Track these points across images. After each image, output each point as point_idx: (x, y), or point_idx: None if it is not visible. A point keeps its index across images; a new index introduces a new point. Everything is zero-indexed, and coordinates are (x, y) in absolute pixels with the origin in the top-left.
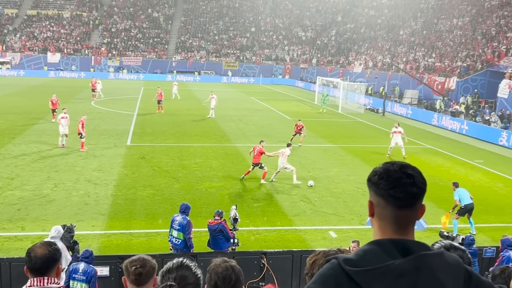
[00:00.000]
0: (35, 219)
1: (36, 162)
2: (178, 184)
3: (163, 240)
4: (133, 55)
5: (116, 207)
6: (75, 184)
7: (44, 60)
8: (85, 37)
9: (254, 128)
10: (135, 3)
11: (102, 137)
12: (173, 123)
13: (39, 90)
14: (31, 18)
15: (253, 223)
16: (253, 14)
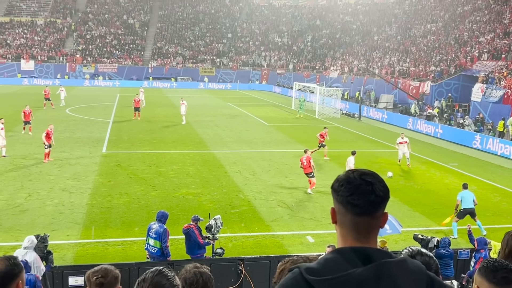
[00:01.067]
0: (9, 229)
1: (9, 171)
2: (155, 192)
3: (139, 249)
4: (109, 61)
5: (92, 215)
6: (49, 193)
7: (17, 68)
8: (59, 44)
9: (232, 134)
10: (110, 9)
11: (77, 145)
12: (149, 130)
13: (12, 98)
14: (4, 25)
15: (231, 230)
16: (229, 20)
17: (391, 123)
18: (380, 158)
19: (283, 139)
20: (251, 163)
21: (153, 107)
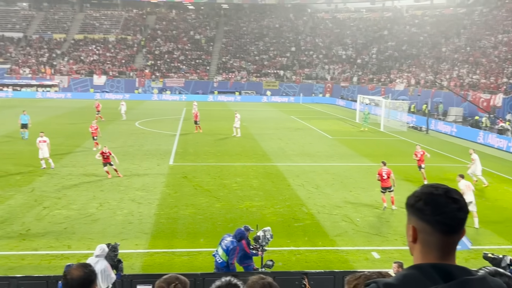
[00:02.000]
0: (81, 238)
1: (82, 182)
2: (219, 203)
3: (204, 260)
4: (176, 76)
5: (159, 226)
6: (120, 203)
7: (90, 83)
8: (129, 60)
9: (295, 147)
10: (177, 26)
11: (146, 157)
12: (214, 142)
13: (85, 112)
14: (78, 42)
15: (294, 243)
16: (293, 34)
17: (460, 136)
18: (449, 173)
19: (347, 153)
20: (315, 177)
21: (218, 121)
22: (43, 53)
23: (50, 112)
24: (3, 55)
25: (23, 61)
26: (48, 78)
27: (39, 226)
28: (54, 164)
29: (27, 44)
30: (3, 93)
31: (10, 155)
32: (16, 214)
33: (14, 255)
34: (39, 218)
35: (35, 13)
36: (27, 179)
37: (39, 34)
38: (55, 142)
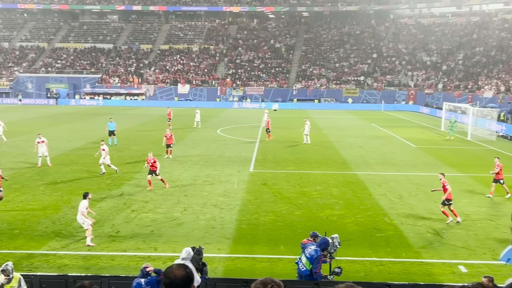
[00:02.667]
0: (167, 241)
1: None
2: (299, 211)
3: (285, 267)
4: (256, 84)
5: (240, 231)
6: (203, 208)
7: (175, 91)
8: (212, 69)
9: (376, 156)
10: (258, 35)
11: (227, 164)
12: (293, 150)
13: (173, 120)
14: (164, 53)
15: (376, 254)
16: (374, 40)
17: None
18: None
19: (432, 162)
20: (397, 186)
21: (297, 128)
22: (131, 63)
23: (138, 119)
24: (95, 65)
25: (113, 70)
26: (136, 87)
27: (128, 228)
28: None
29: (116, 55)
30: (94, 101)
31: None
32: (107, 216)
33: (105, 255)
34: (128, 221)
35: (124, 25)
36: (116, 183)
37: (127, 45)
38: (141, 148)
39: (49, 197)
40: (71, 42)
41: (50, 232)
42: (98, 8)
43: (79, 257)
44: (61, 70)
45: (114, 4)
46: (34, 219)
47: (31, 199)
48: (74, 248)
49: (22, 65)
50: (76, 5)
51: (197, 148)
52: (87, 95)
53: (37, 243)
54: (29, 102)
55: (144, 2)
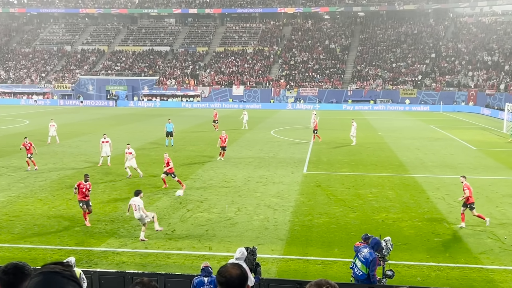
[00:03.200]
0: (221, 240)
1: (222, 187)
2: (354, 214)
3: (339, 269)
4: (310, 85)
5: (294, 233)
6: (256, 208)
7: (229, 93)
8: (266, 71)
9: (434, 158)
10: (313, 36)
11: (280, 165)
12: (348, 152)
13: (225, 121)
14: (219, 55)
15: (434, 259)
16: (433, 39)
17: None
18: None
19: (493, 165)
20: (457, 190)
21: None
22: (187, 65)
23: (193, 120)
24: (152, 68)
25: (170, 73)
26: (191, 89)
27: (183, 227)
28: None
29: (173, 57)
30: (151, 103)
31: (158, 160)
32: (163, 215)
33: (161, 253)
34: (183, 220)
35: (181, 28)
36: (173, 183)
37: (184, 48)
38: (197, 149)
39: (108, 196)
40: (130, 45)
41: (109, 230)
42: (155, 11)
43: (136, 255)
44: (120, 72)
45: (171, 7)
46: (93, 217)
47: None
48: (132, 246)
49: (84, 68)
50: (135, 9)
51: (251, 149)
52: (145, 96)
53: (97, 240)
54: (90, 103)
55: (200, 5)
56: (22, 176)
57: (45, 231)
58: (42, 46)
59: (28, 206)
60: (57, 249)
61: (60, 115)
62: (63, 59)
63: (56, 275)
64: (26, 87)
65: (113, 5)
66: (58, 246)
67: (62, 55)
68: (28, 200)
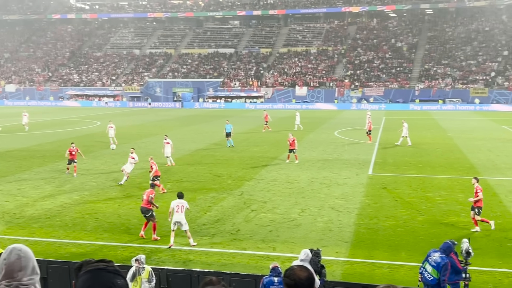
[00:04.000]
0: (285, 241)
1: (285, 188)
2: (422, 217)
3: (406, 274)
4: (375, 85)
5: (359, 235)
6: (320, 210)
7: (292, 94)
8: (330, 71)
9: (507, 160)
10: (378, 34)
11: (345, 166)
12: (415, 153)
13: (287, 122)
14: (283, 55)
15: (507, 265)
16: (506, 36)
17: None
18: None
19: None
20: None
21: (419, 130)
22: (251, 66)
23: (257, 121)
24: (217, 70)
25: (234, 74)
26: (255, 90)
27: (247, 227)
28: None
29: (237, 59)
30: (216, 104)
31: (223, 161)
32: (228, 215)
33: (226, 252)
34: (247, 220)
35: (245, 30)
36: (237, 183)
37: (248, 49)
38: (260, 149)
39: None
40: (196, 48)
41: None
42: (220, 14)
43: (202, 253)
44: (186, 75)
45: (236, 10)
46: (161, 215)
47: (159, 196)
48: (198, 244)
49: (152, 70)
50: (201, 12)
51: (314, 150)
52: (210, 98)
53: (165, 238)
54: (157, 105)
55: (264, 7)
56: (94, 175)
57: (115, 229)
58: (112, 50)
59: (100, 204)
60: (127, 246)
61: (129, 116)
62: (132, 62)
63: (101, 271)
64: (98, 89)
65: (180, 8)
66: (128, 243)
67: (131, 58)
68: (99, 198)
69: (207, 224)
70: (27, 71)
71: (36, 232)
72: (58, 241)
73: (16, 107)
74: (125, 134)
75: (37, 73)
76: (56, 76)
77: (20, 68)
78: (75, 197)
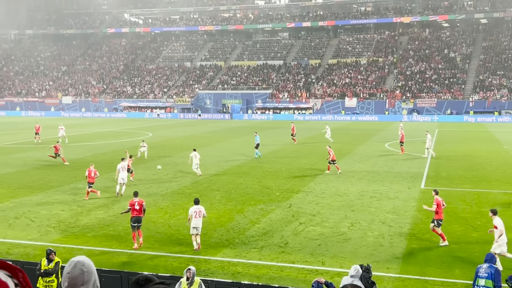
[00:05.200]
0: (334, 256)
1: (335, 200)
2: (477, 233)
3: None
4: (427, 96)
5: (411, 251)
6: (370, 224)
7: (341, 105)
8: (380, 82)
9: None
10: (431, 45)
11: (396, 179)
12: (469, 166)
13: (336, 133)
14: (332, 67)
15: None
16: None
17: None
18: None
19: None
20: None
21: (474, 143)
22: (299, 78)
23: (305, 133)
24: (266, 81)
25: (282, 86)
26: (304, 101)
27: (296, 240)
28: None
29: (286, 71)
30: (264, 116)
31: (271, 172)
32: (276, 227)
33: (274, 265)
34: (296, 233)
35: (294, 41)
36: (285, 195)
37: (297, 61)
38: (309, 161)
39: (224, 206)
40: (245, 60)
41: (224, 240)
42: (270, 26)
43: (251, 266)
44: (236, 86)
45: (285, 22)
46: (210, 226)
47: (208, 207)
48: (247, 256)
49: (202, 82)
50: (250, 25)
51: (364, 162)
52: (259, 109)
53: (214, 249)
54: (207, 117)
55: (314, 18)
56: (146, 185)
57: (165, 239)
58: (164, 62)
59: (151, 214)
60: (177, 256)
61: (180, 128)
62: (183, 74)
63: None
64: (150, 101)
65: (230, 21)
66: (178, 254)
67: (183, 71)
68: (151, 208)
69: (256, 236)
70: (83, 84)
71: (90, 241)
72: (111, 250)
73: (72, 119)
74: (177, 145)
75: (92, 85)
76: (110, 88)
77: (76, 80)
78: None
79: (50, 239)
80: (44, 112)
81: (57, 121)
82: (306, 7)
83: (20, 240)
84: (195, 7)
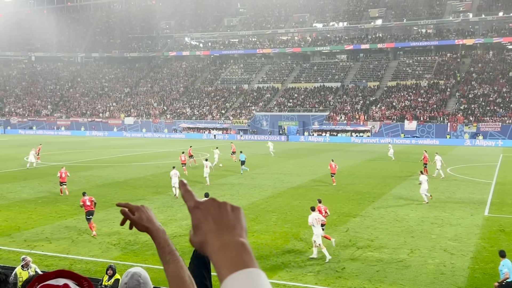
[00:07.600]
0: (393, 283)
1: (393, 226)
2: None
3: None
4: (491, 120)
5: (474, 280)
6: (431, 251)
7: (401, 128)
8: (441, 104)
9: None
10: (495, 67)
11: (458, 205)
12: None
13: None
14: (391, 89)
15: None
16: None
17: None
18: None
19: None
20: None
21: None
22: (357, 100)
23: (362, 156)
24: (323, 103)
25: (340, 108)
26: (361, 124)
27: (353, 265)
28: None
29: (343, 93)
30: (321, 138)
31: (327, 195)
32: (333, 251)
33: None
34: (353, 258)
35: (352, 63)
36: (342, 219)
37: (354, 83)
38: (366, 186)
39: (280, 229)
40: (302, 82)
41: (280, 263)
42: (327, 49)
43: None
44: (292, 108)
45: (343, 44)
46: (266, 248)
47: (264, 229)
48: (302, 280)
49: (259, 104)
50: (308, 48)
51: None
52: (315, 131)
53: (270, 272)
54: (263, 138)
55: (373, 41)
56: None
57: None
58: (223, 85)
59: None
60: None
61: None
62: (241, 96)
63: None
64: (208, 122)
65: (288, 44)
66: None
67: (240, 92)
68: None
69: (312, 260)
70: (145, 105)
71: (148, 259)
72: None
73: (133, 139)
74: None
75: (153, 107)
76: (170, 109)
77: (138, 102)
78: (186, 226)
79: (110, 256)
80: (107, 132)
81: (119, 140)
82: (364, 30)
83: (82, 256)
84: (253, 31)
